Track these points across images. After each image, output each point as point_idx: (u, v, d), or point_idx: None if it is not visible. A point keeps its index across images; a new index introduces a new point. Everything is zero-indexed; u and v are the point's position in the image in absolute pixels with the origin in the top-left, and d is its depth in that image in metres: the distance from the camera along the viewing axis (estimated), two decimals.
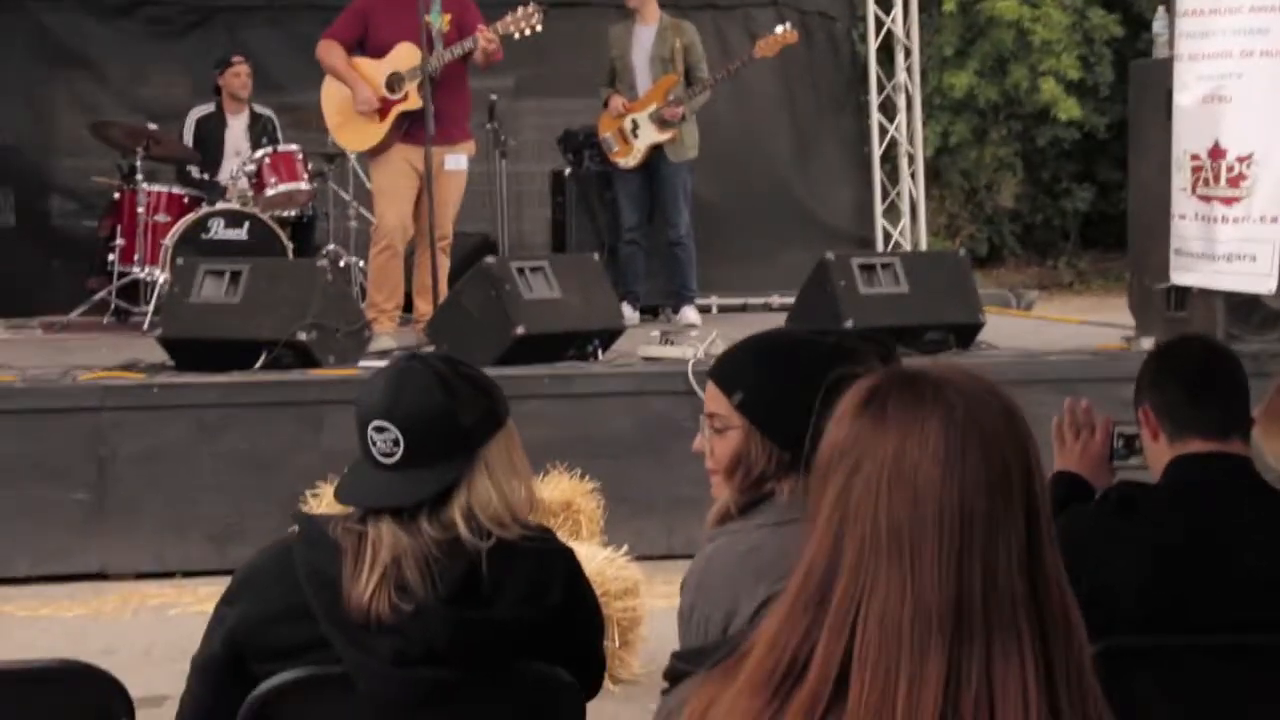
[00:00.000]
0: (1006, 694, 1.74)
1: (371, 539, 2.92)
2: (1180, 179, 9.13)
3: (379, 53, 9.59)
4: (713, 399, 3.08)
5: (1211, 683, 3.14)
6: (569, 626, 3.02)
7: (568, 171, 12.21)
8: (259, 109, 11.87)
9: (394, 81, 9.51)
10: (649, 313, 11.34)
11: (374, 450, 2.97)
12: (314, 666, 2.91)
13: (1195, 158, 9.03)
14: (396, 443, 2.95)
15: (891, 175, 14.22)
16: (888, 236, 13.97)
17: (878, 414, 1.82)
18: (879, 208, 14.15)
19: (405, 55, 9.48)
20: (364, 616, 2.87)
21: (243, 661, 2.98)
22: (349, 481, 3.04)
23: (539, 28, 9.64)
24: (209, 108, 11.91)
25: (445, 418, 2.97)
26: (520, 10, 9.57)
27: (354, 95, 9.56)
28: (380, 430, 2.96)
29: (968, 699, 1.73)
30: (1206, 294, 9.13)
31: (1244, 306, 8.95)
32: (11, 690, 3.10)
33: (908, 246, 13.64)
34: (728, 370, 3.08)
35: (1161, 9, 9.65)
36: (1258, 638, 3.10)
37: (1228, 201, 8.87)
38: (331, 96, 9.78)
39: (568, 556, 3.10)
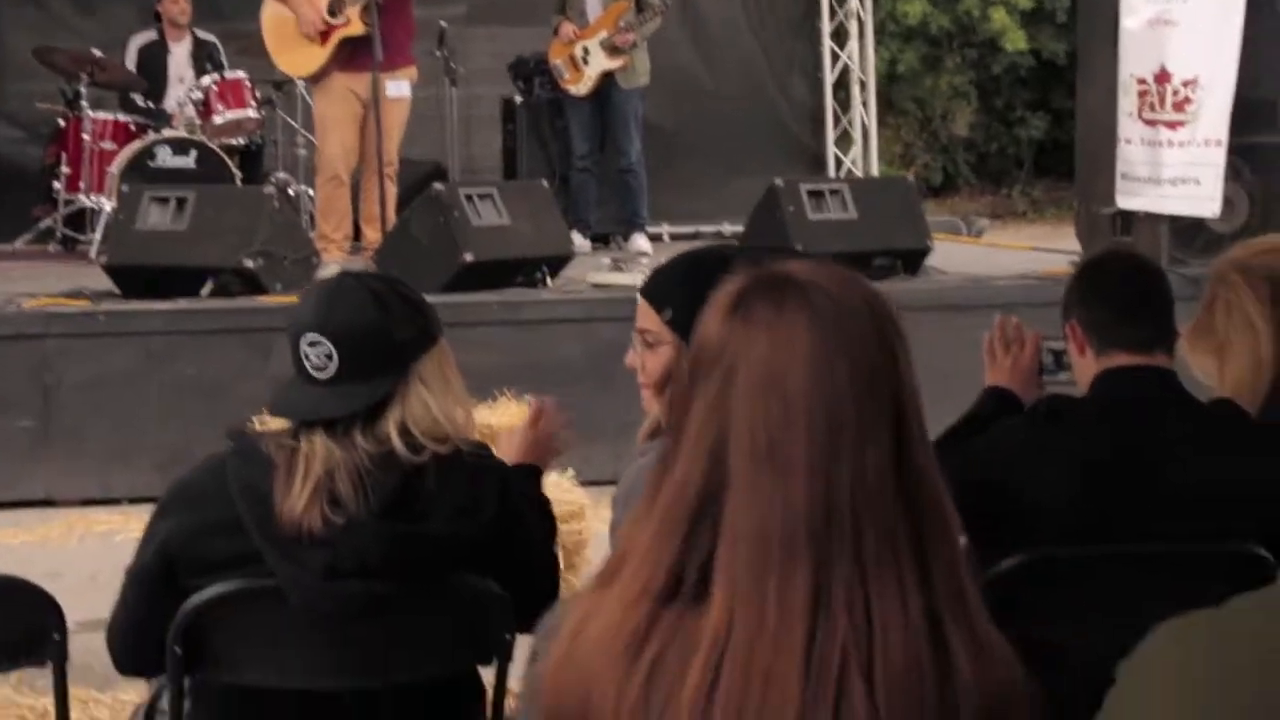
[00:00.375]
0: (884, 596, 1.73)
1: (304, 452, 2.92)
2: (1126, 103, 9.18)
3: None
4: (644, 315, 3.10)
5: (1135, 593, 3.17)
6: (506, 541, 3.02)
7: (518, 99, 12.18)
8: (202, 35, 11.75)
9: (335, 6, 9.45)
10: (600, 240, 11.34)
11: (307, 365, 2.97)
12: (246, 580, 2.92)
13: (1141, 82, 9.08)
14: (330, 356, 2.95)
15: (844, 103, 14.20)
16: (839, 163, 13.98)
17: (744, 317, 1.81)
18: (830, 135, 14.14)
19: None
20: (296, 530, 2.88)
21: (175, 575, 2.98)
22: (282, 396, 3.05)
23: None
24: (151, 35, 11.79)
25: (379, 332, 2.98)
26: None
27: (298, 18, 9.50)
28: (313, 344, 2.96)
29: (840, 604, 1.73)
30: (1152, 218, 9.19)
31: (1188, 230, 9.00)
32: None
33: (859, 174, 13.63)
34: (659, 287, 3.11)
35: None
36: (1181, 547, 3.14)
37: (1173, 125, 8.92)
38: (272, 21, 9.73)
39: (503, 472, 3.11)
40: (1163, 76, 8.97)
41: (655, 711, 1.73)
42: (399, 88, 9.60)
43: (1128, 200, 9.29)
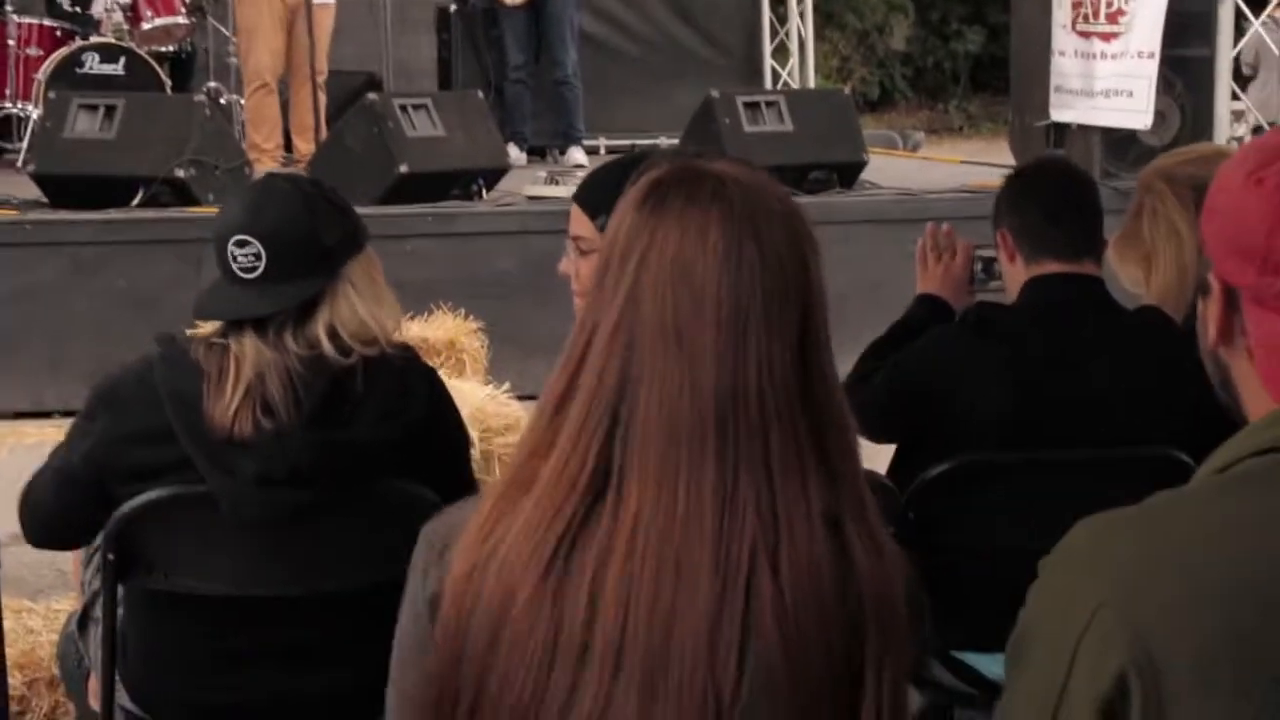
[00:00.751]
0: (789, 495, 1.76)
1: (234, 354, 2.91)
2: (1061, 15, 9.22)
3: None
4: (577, 221, 3.10)
5: (1062, 494, 3.22)
6: (431, 443, 3.04)
7: (453, 6, 12.06)
8: None
9: None
10: (535, 153, 11.30)
11: (234, 265, 2.96)
12: (177, 486, 2.92)
13: None
14: (258, 256, 2.94)
15: (781, 15, 14.17)
16: (776, 76, 13.95)
17: (657, 208, 1.82)
18: (767, 47, 14.12)
19: None
20: (226, 435, 2.88)
21: (103, 481, 2.98)
22: (209, 296, 3.03)
23: None
24: None
25: (307, 234, 2.97)
26: None
27: None
28: (241, 245, 2.95)
29: (749, 500, 1.75)
30: (1084, 130, 9.24)
31: (1121, 143, 9.05)
32: None
33: (796, 86, 13.61)
34: (591, 193, 3.11)
35: None
36: (1105, 452, 3.18)
37: (1106, 38, 8.96)
38: None
39: (430, 375, 3.13)
40: None
41: (578, 609, 1.75)
42: None
43: (1061, 113, 9.35)
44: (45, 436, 7.07)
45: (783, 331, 1.78)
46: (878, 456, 3.55)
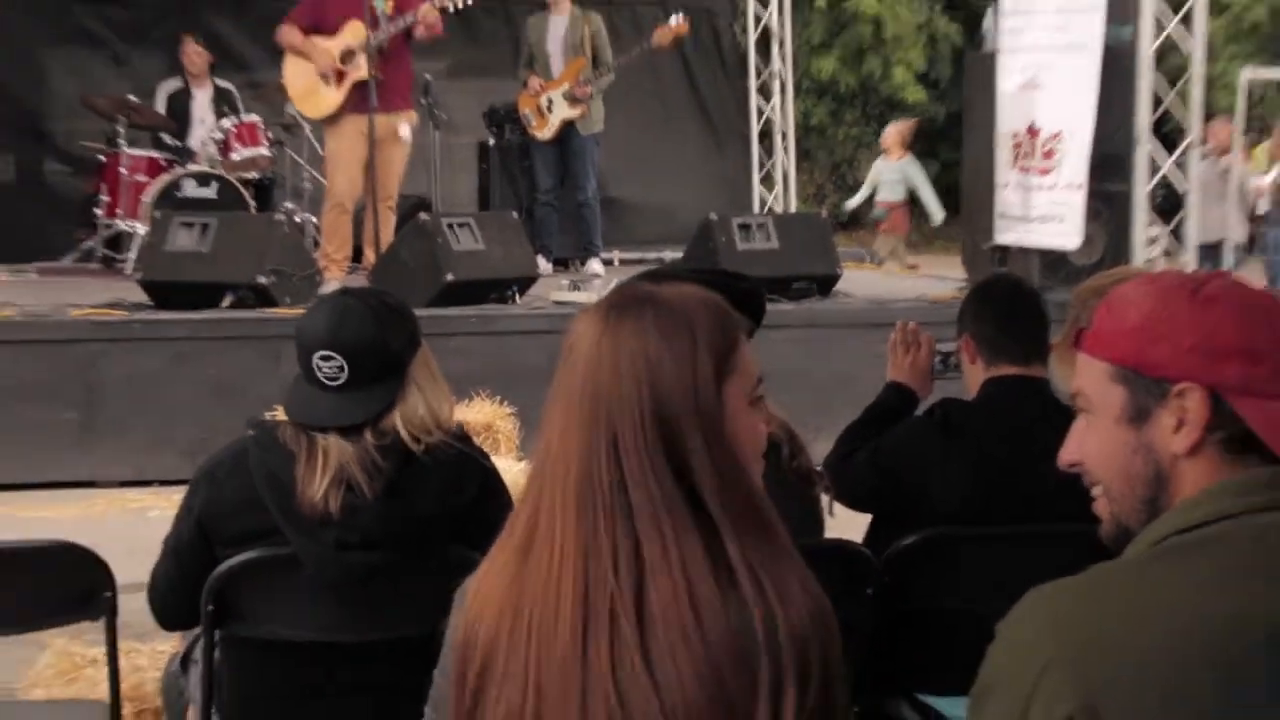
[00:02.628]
0: (652, 547, 1.78)
1: (322, 446, 2.94)
2: (1003, 154, 9.28)
3: (331, 31, 9.42)
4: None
5: (1012, 564, 3.22)
6: (482, 516, 3.00)
7: (492, 142, 12.19)
8: (221, 84, 11.71)
9: (346, 55, 9.38)
10: (560, 264, 11.32)
11: (320, 375, 2.98)
12: (267, 549, 2.95)
13: (1015, 136, 9.19)
14: (341, 369, 2.96)
15: (767, 150, 14.22)
16: (763, 202, 14.00)
17: (583, 313, 1.92)
18: (756, 177, 14.17)
19: (355, 31, 9.32)
20: (313, 511, 2.90)
21: (209, 545, 3.00)
22: (299, 402, 3.02)
23: (469, 1, 9.47)
24: (177, 83, 11.75)
25: (380, 344, 2.99)
26: None
27: (314, 63, 9.39)
28: (326, 359, 2.96)
29: (607, 552, 1.78)
30: (1024, 251, 9.30)
31: (1054, 262, 9.10)
32: (15, 563, 3.14)
33: (781, 210, 13.67)
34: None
35: (990, 8, 9.75)
36: (1051, 528, 3.18)
37: (1042, 172, 9.02)
38: (293, 71, 9.61)
39: (482, 460, 3.13)
40: (1033, 131, 9.08)
41: (507, 638, 1.82)
42: (406, 130, 9.53)
43: (1004, 235, 9.39)
44: (147, 503, 7.12)
45: (632, 414, 1.80)
46: (852, 525, 3.58)
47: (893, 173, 14.79)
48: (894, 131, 15.07)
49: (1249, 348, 1.75)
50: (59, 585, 3.07)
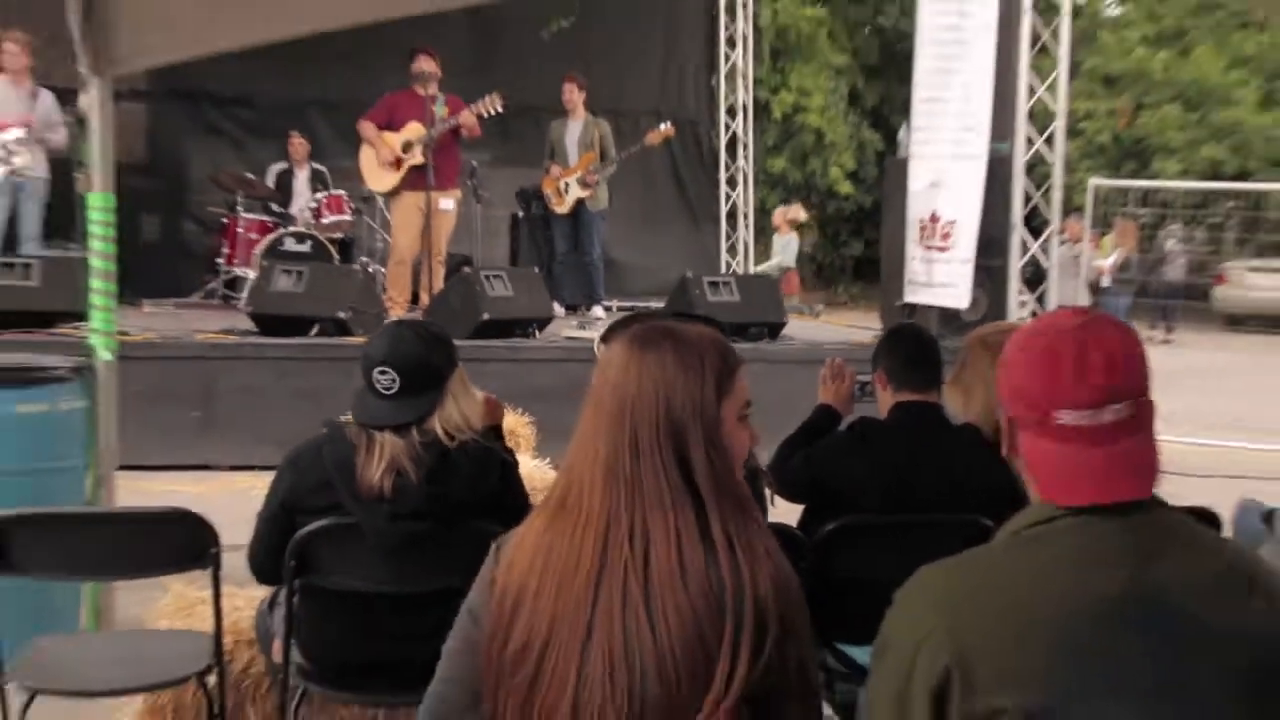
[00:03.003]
0: (654, 523, 1.79)
1: (379, 441, 2.93)
2: (912, 234, 9.30)
3: (397, 128, 9.51)
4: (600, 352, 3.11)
5: (910, 545, 3.20)
6: (503, 499, 3.03)
7: (521, 214, 12.20)
8: (316, 166, 11.77)
9: (406, 146, 9.46)
10: (571, 309, 11.28)
11: (378, 386, 2.97)
12: (335, 519, 2.94)
13: (921, 221, 9.20)
14: (394, 381, 2.95)
15: (732, 226, 14.27)
16: (728, 265, 14.03)
17: (612, 341, 1.93)
18: (723, 246, 14.20)
19: (414, 129, 9.42)
20: (372, 490, 2.90)
21: (291, 515, 2.99)
22: (361, 407, 3.01)
23: (500, 109, 9.58)
24: (283, 164, 11.81)
25: (425, 362, 2.98)
26: (486, 97, 9.48)
27: (377, 153, 9.49)
28: (383, 372, 2.96)
29: (624, 528, 1.80)
30: (927, 307, 9.29)
31: (950, 317, 9.10)
32: (144, 523, 3.15)
33: (741, 272, 13.70)
34: (607, 335, 3.12)
35: (905, 124, 9.79)
36: (941, 518, 3.17)
37: (941, 249, 9.04)
38: (366, 156, 9.67)
39: (503, 455, 3.12)
40: (934, 218, 9.10)
41: (535, 582, 1.84)
42: (448, 203, 9.54)
43: (912, 296, 9.39)
44: (250, 483, 7.07)
45: (649, 418, 1.82)
46: (788, 515, 3.55)
47: (780, 245, 14.96)
48: (778, 213, 15.21)
49: (1022, 394, 1.75)
50: (176, 541, 3.06)
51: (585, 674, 1.75)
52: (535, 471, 6.04)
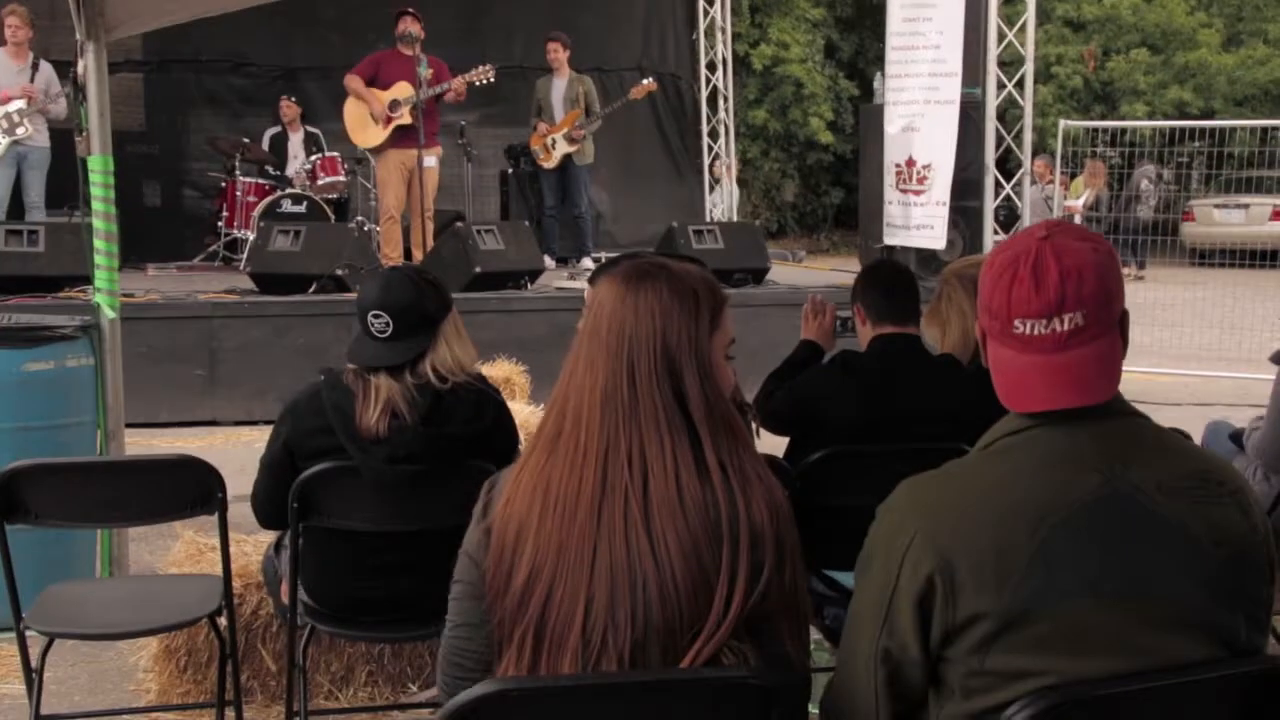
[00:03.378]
0: (651, 448, 1.78)
1: (374, 384, 2.93)
2: (889, 180, 9.27)
3: (384, 86, 9.45)
4: (590, 296, 3.10)
5: (890, 471, 3.20)
6: (495, 438, 3.03)
7: (510, 171, 12.12)
8: (310, 129, 11.69)
9: (393, 105, 9.40)
10: (561, 261, 11.27)
11: (372, 329, 2.96)
12: (336, 462, 2.93)
13: (898, 166, 9.17)
14: (388, 324, 2.94)
15: (716, 176, 14.21)
16: (712, 215, 13.98)
17: (603, 279, 1.91)
18: (708, 196, 14.15)
19: (402, 89, 9.36)
20: (369, 433, 2.89)
21: (293, 459, 2.98)
22: (357, 349, 3.00)
23: (492, 79, 9.59)
24: (277, 129, 11.73)
25: (417, 306, 2.96)
26: (480, 68, 9.50)
27: (370, 106, 9.42)
28: (377, 316, 2.95)
29: (623, 452, 1.78)
30: (904, 250, 9.28)
31: (927, 258, 9.10)
32: (153, 471, 3.15)
33: (725, 220, 13.65)
34: (596, 277, 3.11)
35: (879, 73, 9.74)
36: (920, 444, 3.16)
37: (917, 193, 9.02)
38: (350, 110, 9.61)
39: (496, 395, 3.10)
40: (910, 163, 9.07)
41: (537, 514, 1.81)
42: (431, 161, 9.48)
43: (890, 239, 9.38)
44: (255, 437, 7.11)
45: (647, 351, 1.81)
46: (774, 447, 3.55)
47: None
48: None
49: (987, 305, 1.77)
50: (184, 487, 3.05)
51: (592, 600, 1.74)
52: (530, 417, 6.02)
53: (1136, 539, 1.64)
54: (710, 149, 14.07)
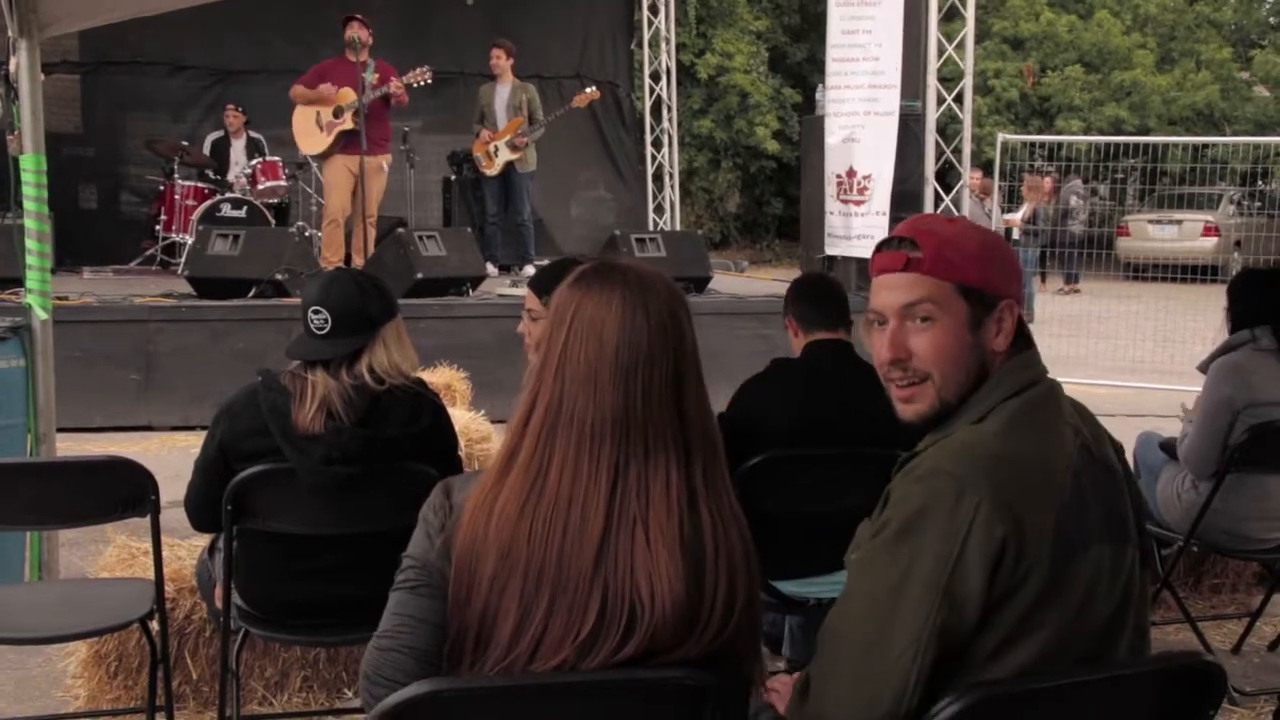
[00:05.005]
0: (655, 475, 1.70)
1: (310, 381, 2.92)
2: (830, 190, 9.34)
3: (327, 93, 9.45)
4: (530, 299, 3.11)
5: (824, 477, 3.22)
6: (433, 441, 3.02)
7: (453, 178, 12.06)
8: (253, 134, 11.56)
9: (338, 111, 9.36)
10: (504, 268, 11.24)
11: (312, 325, 2.95)
12: (271, 464, 2.91)
13: (839, 177, 9.24)
14: (327, 321, 2.94)
15: (659, 187, 14.24)
16: (656, 224, 14.01)
17: (580, 287, 1.78)
18: (650, 206, 14.16)
19: (346, 95, 9.32)
20: (305, 432, 2.87)
21: (228, 461, 2.96)
22: (295, 345, 3.00)
23: (429, 80, 9.56)
24: (219, 133, 11.61)
25: (359, 307, 2.96)
26: (417, 69, 9.47)
27: (317, 114, 9.39)
28: (317, 312, 2.95)
29: (632, 478, 1.70)
30: (845, 260, 9.36)
31: (867, 268, 9.16)
32: (83, 472, 3.10)
33: (668, 229, 13.69)
34: (540, 280, 3.12)
35: (820, 85, 9.82)
36: (854, 450, 3.18)
37: (858, 204, 9.09)
38: (296, 120, 9.58)
39: (434, 399, 3.09)
40: (851, 173, 9.15)
41: (525, 545, 1.71)
42: (378, 166, 9.46)
43: (832, 249, 9.46)
44: (191, 442, 6.97)
45: (662, 365, 1.73)
46: None
47: None
48: None
49: (1018, 273, 1.92)
50: (114, 489, 3.01)
51: (581, 631, 1.67)
52: (471, 424, 6.01)
53: (1107, 485, 1.80)
54: (654, 158, 14.11)
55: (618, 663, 1.67)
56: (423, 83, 9.51)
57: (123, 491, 2.99)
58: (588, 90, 10.70)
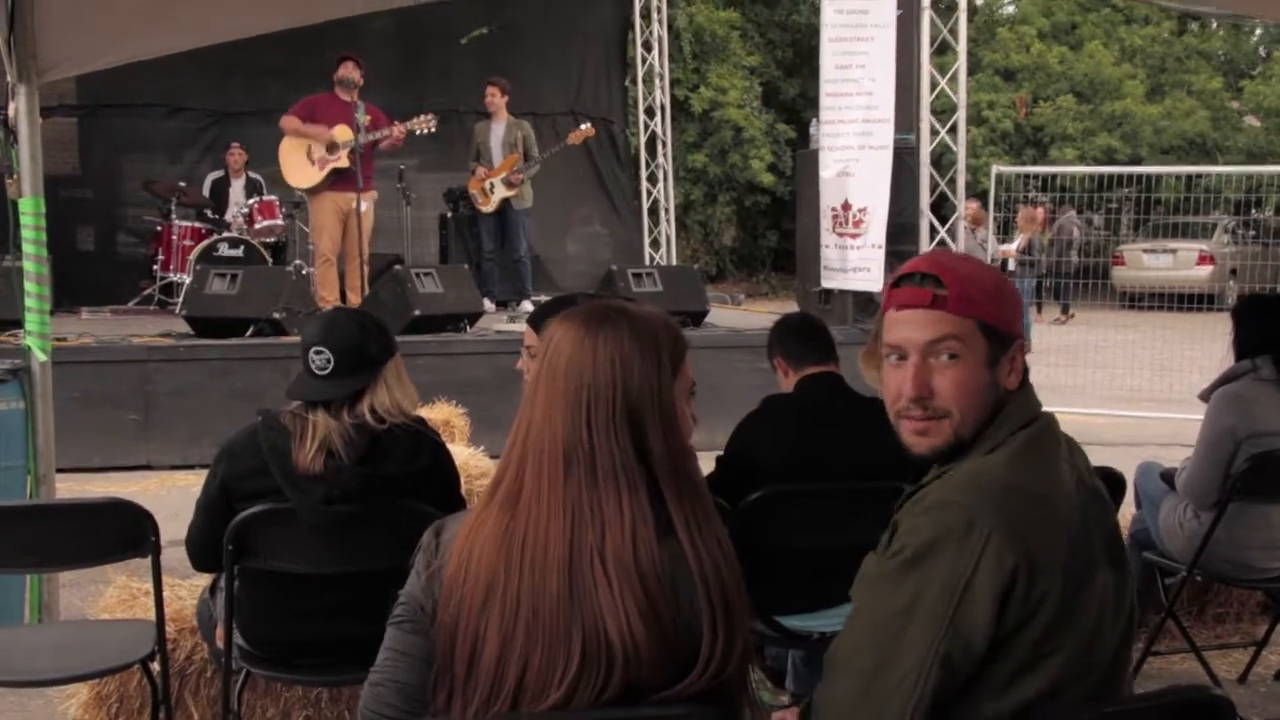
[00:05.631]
0: (609, 505, 1.72)
1: (311, 421, 2.92)
2: (826, 223, 9.35)
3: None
4: (529, 335, 3.13)
5: (821, 512, 3.22)
6: (434, 480, 3.02)
7: (449, 215, 12.13)
8: (252, 175, 11.66)
9: (331, 146, 9.40)
10: (501, 305, 11.27)
11: (313, 365, 2.96)
12: (272, 504, 2.91)
13: (834, 210, 9.26)
14: (329, 361, 2.94)
15: (654, 221, 14.29)
16: (652, 258, 14.04)
17: (560, 323, 1.83)
18: (646, 241, 14.19)
19: (342, 132, 9.36)
20: (306, 472, 2.87)
21: (229, 500, 2.96)
22: (296, 385, 3.01)
23: (433, 129, 9.65)
24: (219, 173, 11.70)
25: (360, 346, 2.97)
26: (421, 116, 9.56)
27: (309, 147, 9.42)
28: (319, 352, 2.95)
29: (586, 507, 1.72)
30: (842, 293, 9.37)
31: (865, 301, 9.19)
32: (84, 515, 3.10)
33: (665, 264, 13.72)
34: (538, 317, 3.14)
35: (815, 119, 9.86)
36: (851, 485, 3.18)
37: (853, 236, 9.11)
38: (286, 152, 9.59)
39: (434, 437, 3.09)
40: (846, 206, 9.16)
41: (504, 574, 1.73)
42: (365, 205, 9.47)
43: (828, 282, 9.46)
44: (190, 482, 7.00)
45: (606, 402, 1.74)
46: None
47: None
48: None
49: (1022, 310, 1.99)
50: (116, 530, 3.01)
51: (568, 666, 1.67)
52: (470, 460, 6.02)
53: (1102, 515, 1.83)
54: (649, 193, 14.16)
55: (607, 701, 1.67)
56: (428, 130, 9.60)
57: (123, 533, 2.99)
58: (582, 127, 10.76)
